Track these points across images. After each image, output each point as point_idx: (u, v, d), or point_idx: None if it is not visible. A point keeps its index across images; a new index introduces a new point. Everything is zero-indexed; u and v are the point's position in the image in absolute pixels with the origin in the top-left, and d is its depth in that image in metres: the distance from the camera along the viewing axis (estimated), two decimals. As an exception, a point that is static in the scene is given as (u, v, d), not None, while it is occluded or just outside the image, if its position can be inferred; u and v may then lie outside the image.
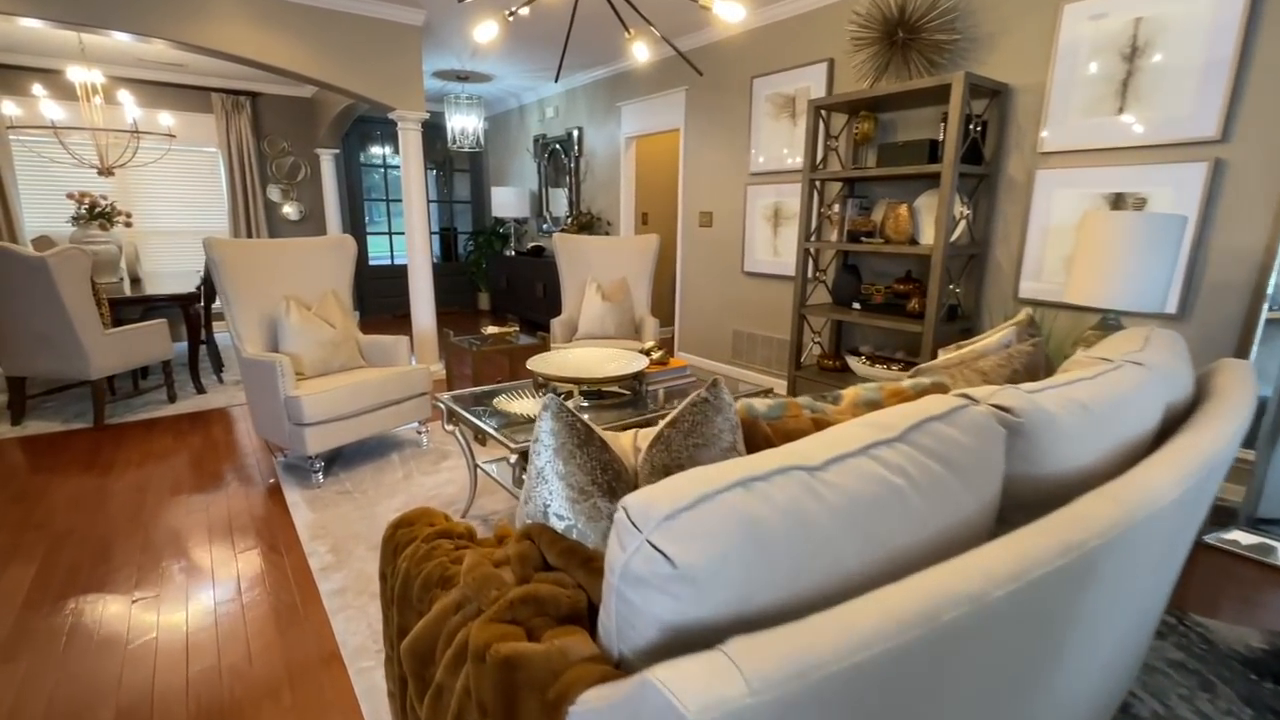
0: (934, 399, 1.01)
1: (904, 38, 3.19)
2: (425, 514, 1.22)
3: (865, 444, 0.84)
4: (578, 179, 6.32)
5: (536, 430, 0.95)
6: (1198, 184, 2.50)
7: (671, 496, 0.67)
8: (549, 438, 0.94)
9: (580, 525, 0.92)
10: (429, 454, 3.23)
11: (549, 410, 0.94)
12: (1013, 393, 1.04)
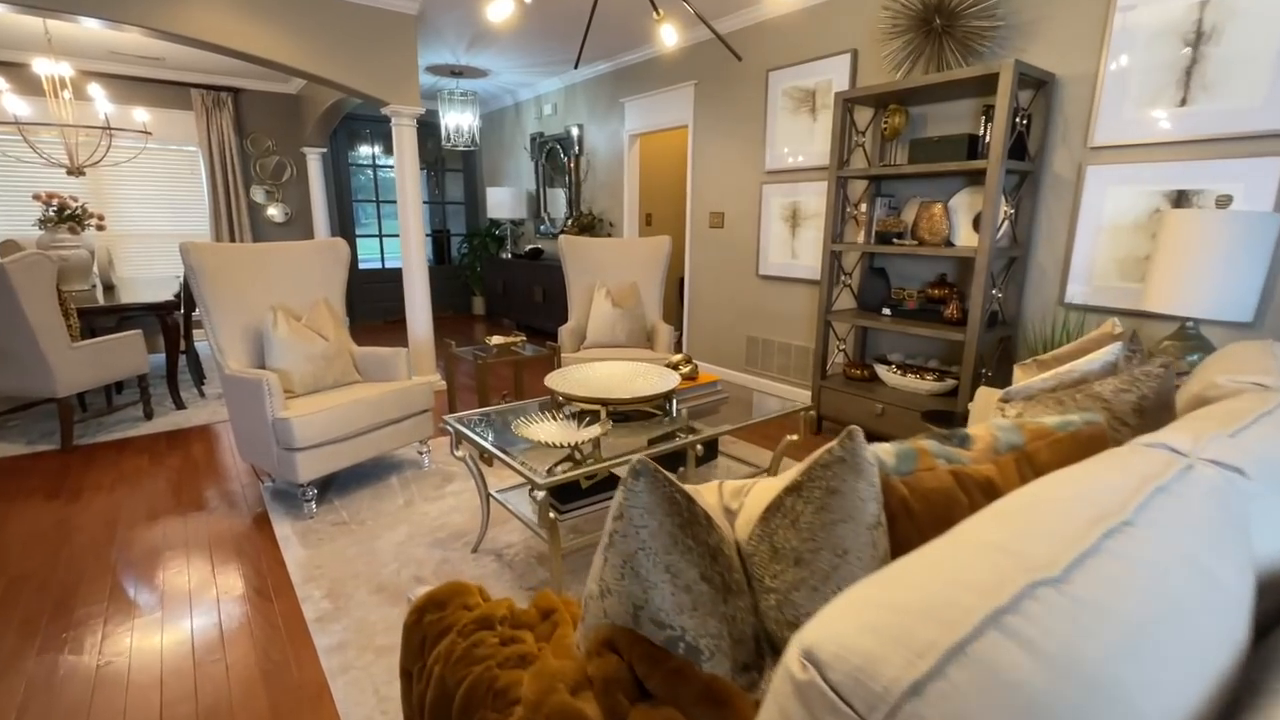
0: (1130, 455, 0.78)
1: (941, 25, 2.98)
2: (457, 592, 0.97)
3: (1095, 533, 0.61)
4: (578, 178, 6.07)
5: (619, 505, 0.71)
6: (1272, 180, 2.31)
7: (898, 650, 0.43)
8: (643, 516, 0.69)
9: (690, 635, 0.68)
10: (431, 476, 2.97)
11: (641, 479, 0.70)
12: (1223, 442, 0.81)
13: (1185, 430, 0.85)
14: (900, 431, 3.18)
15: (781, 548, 0.73)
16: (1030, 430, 0.99)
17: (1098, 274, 2.80)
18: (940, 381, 3.23)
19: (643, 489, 0.70)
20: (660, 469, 0.70)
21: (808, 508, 0.73)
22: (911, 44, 3.13)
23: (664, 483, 0.70)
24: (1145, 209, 2.63)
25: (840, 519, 0.72)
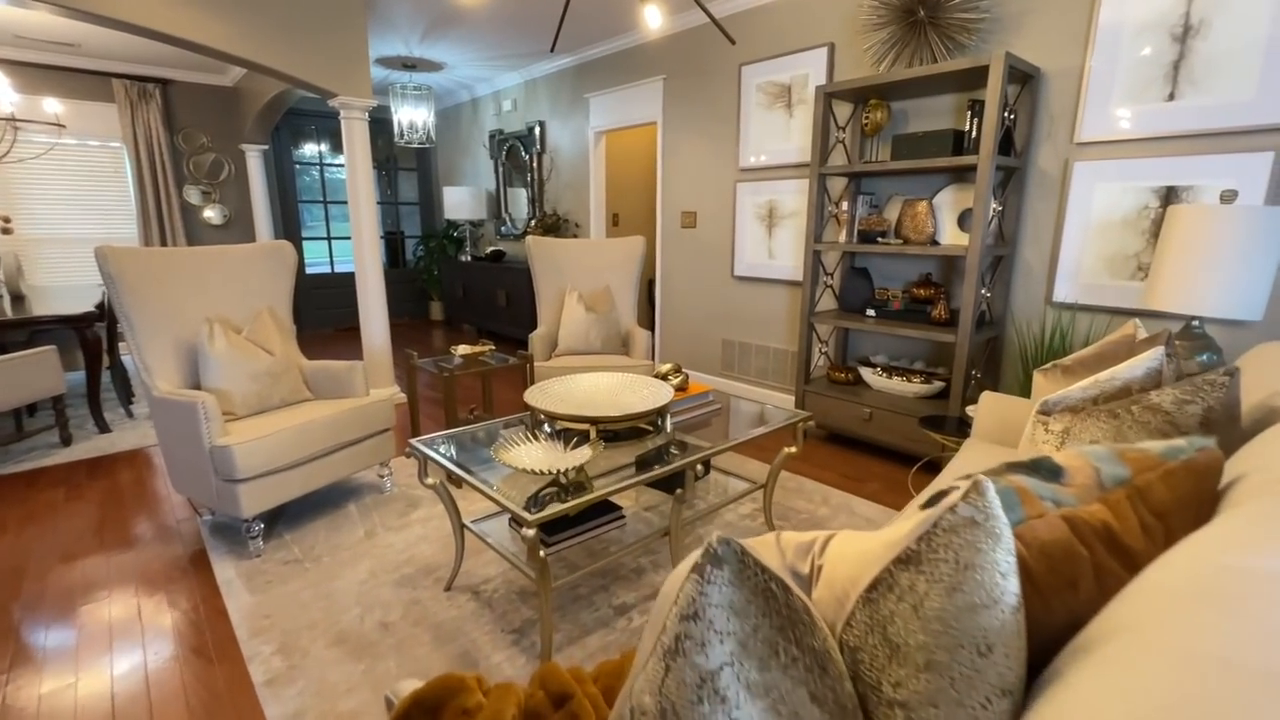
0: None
1: (926, 16, 2.89)
2: (452, 690, 0.76)
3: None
4: (540, 177, 5.83)
5: (691, 601, 0.52)
6: (1263, 175, 2.28)
7: None
8: (729, 619, 0.50)
9: None
10: (394, 501, 2.71)
11: (726, 567, 0.51)
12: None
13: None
14: (891, 437, 3.08)
15: (903, 644, 0.55)
16: (1133, 459, 0.84)
17: (1086, 272, 2.75)
18: (928, 384, 3.14)
19: (727, 580, 0.51)
20: (749, 549, 0.51)
21: (934, 588, 0.56)
22: (895, 36, 3.03)
23: (756, 570, 0.51)
24: (1134, 206, 2.59)
25: (981, 604, 0.55)
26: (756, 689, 0.50)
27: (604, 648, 1.77)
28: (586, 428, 1.87)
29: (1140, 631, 0.50)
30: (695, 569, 0.52)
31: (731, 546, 0.51)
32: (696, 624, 0.51)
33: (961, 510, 0.58)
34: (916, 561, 0.58)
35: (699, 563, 0.52)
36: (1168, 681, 0.43)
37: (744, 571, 0.51)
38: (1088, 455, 0.87)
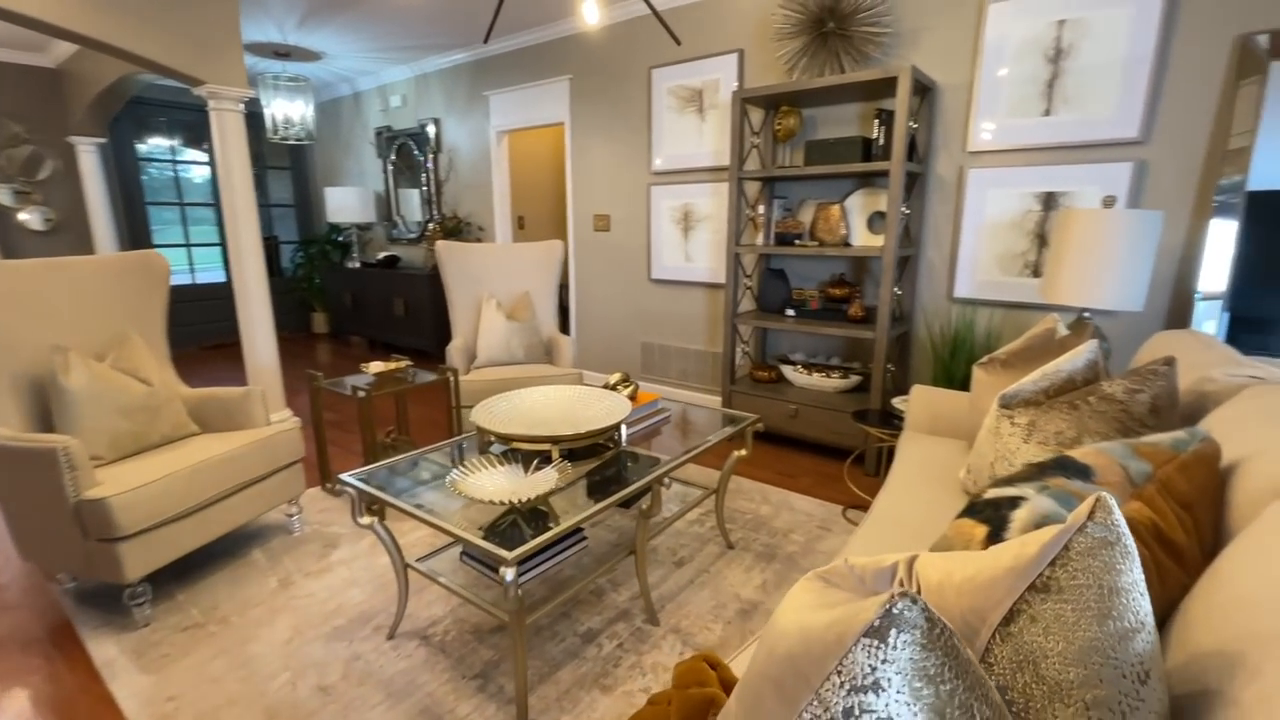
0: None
1: (835, 28, 3.02)
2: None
3: None
4: (437, 178, 5.49)
5: (869, 672, 0.46)
6: (1124, 183, 2.60)
7: None
8: (922, 687, 0.45)
9: None
10: (308, 543, 2.40)
11: (914, 631, 0.45)
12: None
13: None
14: (818, 432, 3.20)
15: (1062, 681, 0.52)
16: (1148, 454, 0.89)
17: (982, 270, 3.01)
18: (846, 379, 3.30)
19: (918, 643, 0.45)
20: (932, 610, 0.46)
21: (1083, 617, 0.53)
22: (806, 46, 3.15)
23: (943, 627, 0.46)
24: (1020, 209, 2.86)
25: (1132, 628, 0.53)
26: (955, 762, 0.44)
27: (579, 681, 1.67)
28: (546, 448, 1.74)
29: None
30: (871, 633, 0.46)
31: (918, 605, 0.45)
32: (879, 696, 0.45)
33: (1093, 530, 0.56)
34: (1056, 589, 0.55)
35: (877, 625, 0.45)
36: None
37: (933, 630, 0.45)
38: (1108, 452, 0.91)
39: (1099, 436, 1.26)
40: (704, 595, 2.06)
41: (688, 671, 0.97)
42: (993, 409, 1.51)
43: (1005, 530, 0.78)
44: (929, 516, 1.57)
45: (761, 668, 0.61)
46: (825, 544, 2.39)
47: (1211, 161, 2.42)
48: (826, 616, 0.54)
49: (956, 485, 1.74)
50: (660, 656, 1.76)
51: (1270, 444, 0.87)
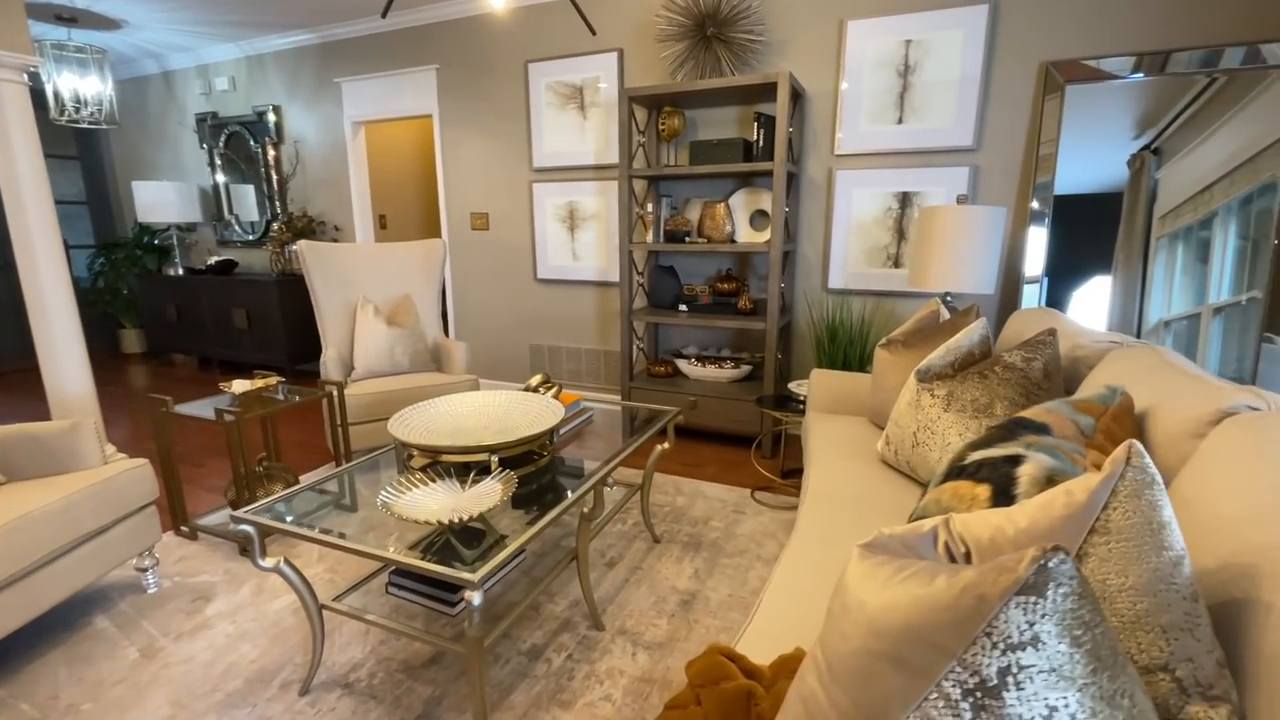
0: (1257, 422, 0.83)
1: (715, 33, 3.14)
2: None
3: None
4: (280, 173, 4.89)
5: (1027, 628, 0.47)
6: (964, 184, 3.00)
7: None
8: (1078, 635, 0.47)
9: None
10: (169, 599, 2.02)
11: (1070, 583, 0.47)
12: (1255, 392, 0.93)
13: (1228, 393, 0.95)
14: (717, 421, 3.32)
15: (1137, 612, 0.58)
16: (1085, 408, 1.03)
17: (851, 262, 3.31)
18: (738, 369, 3.46)
19: (1070, 596, 0.47)
20: (1081, 576, 0.48)
21: (1142, 551, 0.60)
22: (688, 49, 3.24)
23: (1085, 581, 0.49)
24: (881, 208, 3.19)
25: (1179, 555, 0.60)
26: (1106, 705, 0.47)
27: (535, 702, 1.57)
28: (482, 458, 1.62)
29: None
30: (1026, 589, 0.47)
31: (1070, 558, 0.47)
32: (1038, 650, 0.47)
33: (1132, 475, 0.63)
34: (1116, 530, 0.61)
35: (1032, 582, 0.47)
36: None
37: (1082, 581, 0.48)
38: (1056, 410, 1.03)
39: (1007, 401, 1.44)
40: (642, 592, 2.04)
41: (707, 668, 0.95)
42: (910, 384, 1.66)
43: (1014, 486, 0.86)
44: (862, 486, 1.69)
45: (862, 646, 0.61)
46: (743, 527, 2.48)
47: (1028, 166, 2.87)
48: (943, 583, 0.55)
49: (874, 456, 1.90)
50: (614, 661, 1.72)
51: (1164, 394, 1.05)
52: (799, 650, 0.96)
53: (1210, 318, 2.64)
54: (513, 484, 1.50)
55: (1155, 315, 2.72)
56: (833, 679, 0.64)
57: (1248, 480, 0.72)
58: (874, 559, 0.68)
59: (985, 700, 0.49)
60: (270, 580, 2.12)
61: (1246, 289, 2.55)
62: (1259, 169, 2.50)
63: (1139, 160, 2.69)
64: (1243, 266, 2.56)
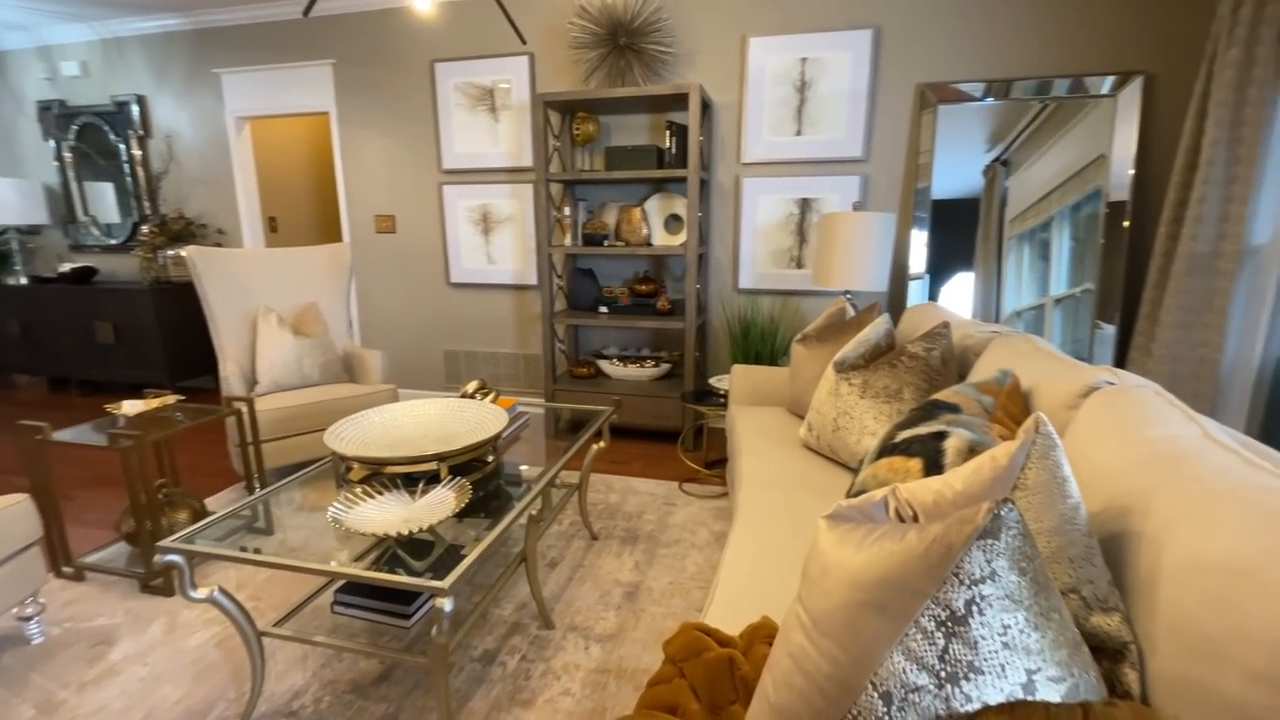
0: (1123, 395, 1.04)
1: (627, 43, 3.24)
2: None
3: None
4: (148, 170, 4.43)
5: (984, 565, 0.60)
6: (856, 192, 3.30)
7: None
8: (1024, 567, 0.60)
9: (1088, 677, 0.62)
10: (61, 648, 1.82)
11: (1017, 526, 0.59)
12: (1109, 371, 1.15)
13: (1091, 372, 1.16)
14: (641, 418, 3.42)
15: (1052, 548, 0.73)
16: (985, 389, 1.22)
17: (759, 264, 3.53)
18: (658, 367, 3.59)
19: (1018, 536, 0.60)
20: (1023, 519, 0.61)
21: (1052, 501, 0.75)
22: (604, 57, 3.31)
23: (1025, 525, 0.62)
24: (784, 212, 3.43)
25: (1077, 501, 0.76)
26: (1044, 621, 0.61)
27: (496, 705, 1.59)
28: (430, 468, 1.60)
29: (1166, 492, 0.78)
30: (985, 534, 0.60)
31: (1015, 506, 0.60)
32: (995, 583, 0.59)
33: (1041, 442, 0.78)
34: (1033, 486, 0.76)
35: (989, 527, 0.59)
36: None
37: (1024, 524, 0.61)
38: (962, 392, 1.21)
39: (913, 386, 1.64)
40: (587, 589, 2.10)
41: (686, 644, 1.03)
42: (829, 375, 1.84)
43: (943, 457, 1.01)
44: (790, 470, 1.84)
45: (844, 596, 0.71)
46: (675, 518, 2.60)
47: (909, 174, 3.21)
48: (913, 542, 0.67)
49: (797, 442, 2.07)
50: (568, 657, 1.77)
51: (1042, 375, 1.26)
52: (766, 619, 1.07)
53: (1052, 307, 3.09)
54: (467, 492, 1.51)
55: (1009, 306, 3.14)
56: (820, 633, 0.75)
57: (1115, 440, 0.91)
58: (842, 527, 0.79)
59: (955, 628, 0.61)
60: (183, 616, 1.96)
61: (1080, 283, 3.01)
62: (1086, 180, 2.96)
63: (992, 170, 3.09)
64: (1076, 263, 3.02)
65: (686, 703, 0.93)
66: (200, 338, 4.49)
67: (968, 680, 0.61)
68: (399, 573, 1.27)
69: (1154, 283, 2.68)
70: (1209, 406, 2.46)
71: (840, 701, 0.69)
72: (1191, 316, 2.50)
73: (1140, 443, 0.86)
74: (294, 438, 2.72)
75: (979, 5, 2.96)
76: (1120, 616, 0.71)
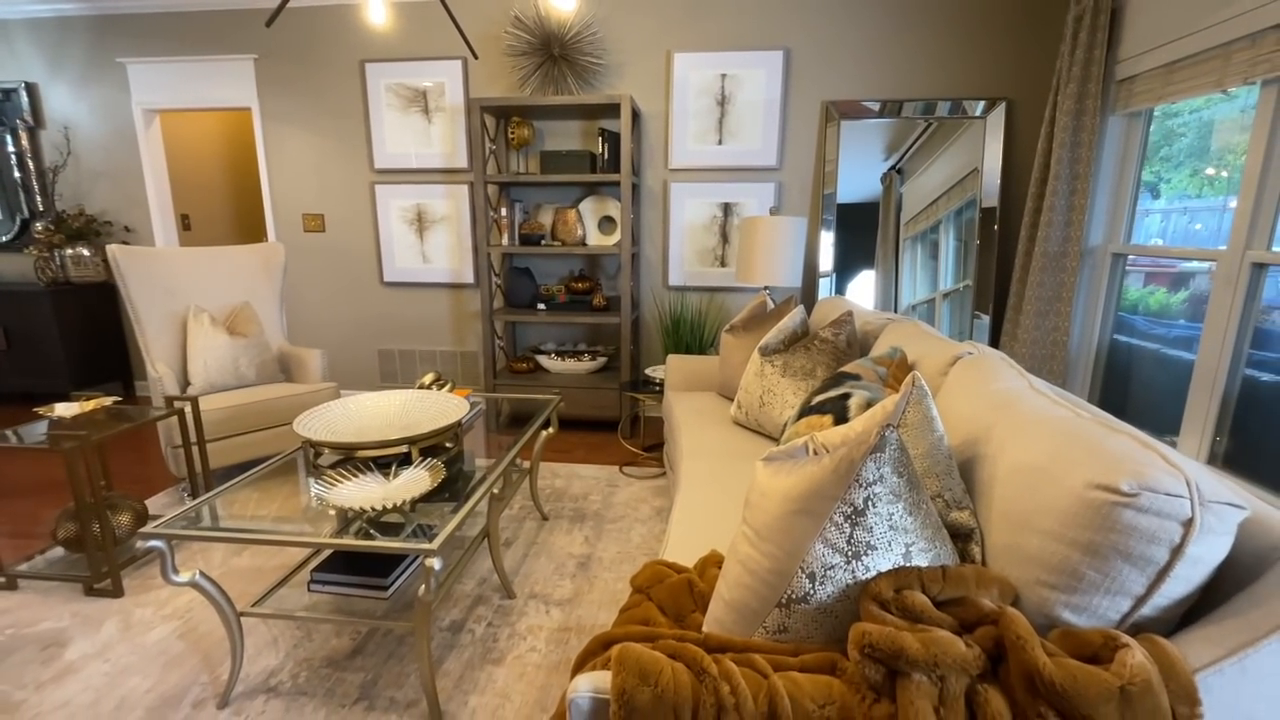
0: (981, 362, 1.35)
1: (560, 53, 3.41)
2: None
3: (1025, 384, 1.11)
4: (39, 163, 4.13)
5: (876, 472, 0.85)
6: (771, 197, 3.64)
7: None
8: (899, 474, 0.85)
9: (939, 548, 0.89)
10: (6, 654, 1.79)
11: (895, 444, 0.85)
12: (968, 343, 1.47)
13: (957, 346, 1.48)
14: (579, 409, 3.60)
15: (923, 468, 1.00)
16: (880, 362, 1.51)
17: (686, 263, 3.80)
18: (595, 360, 3.78)
19: (898, 447, 0.85)
20: (899, 436, 0.87)
21: (922, 433, 1.02)
22: (538, 65, 3.46)
23: (902, 441, 0.87)
24: (709, 215, 3.72)
25: (940, 435, 1.04)
26: (916, 510, 0.87)
27: (468, 665, 1.74)
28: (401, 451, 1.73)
29: (1008, 426, 1.07)
30: (875, 449, 0.85)
31: (896, 431, 0.86)
32: (884, 484, 0.85)
33: (915, 394, 1.06)
34: (910, 423, 1.03)
35: (878, 444, 0.85)
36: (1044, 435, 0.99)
37: (901, 443, 0.86)
38: (862, 364, 1.49)
39: (825, 365, 1.94)
40: (542, 562, 2.27)
41: (651, 575, 1.25)
42: (754, 358, 2.11)
43: (848, 412, 1.28)
44: (724, 443, 2.10)
45: (779, 510, 0.95)
46: (618, 497, 2.81)
47: (817, 180, 3.58)
48: (826, 462, 0.91)
49: (728, 420, 2.33)
50: (531, 620, 1.94)
51: (924, 350, 1.57)
52: (713, 551, 1.30)
53: (941, 301, 3.55)
54: (440, 471, 1.66)
55: (906, 300, 3.58)
56: (761, 539, 0.98)
57: (971, 394, 1.21)
58: (774, 465, 1.03)
59: (856, 519, 0.86)
60: (136, 615, 1.97)
61: (963, 278, 3.48)
62: (965, 189, 3.43)
63: (889, 178, 3.51)
64: (959, 262, 3.49)
65: (655, 617, 1.14)
66: (106, 342, 4.25)
67: (867, 555, 0.86)
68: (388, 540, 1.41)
69: (1018, 278, 3.16)
70: (1061, 381, 2.95)
71: (778, 587, 0.93)
72: (1046, 306, 2.99)
73: (986, 395, 1.16)
74: (235, 437, 2.71)
75: (876, 34, 3.36)
76: (969, 512, 0.99)
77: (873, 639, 0.78)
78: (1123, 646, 0.72)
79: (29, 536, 2.44)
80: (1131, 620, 0.80)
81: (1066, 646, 0.77)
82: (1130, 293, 2.88)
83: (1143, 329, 2.80)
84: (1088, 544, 0.80)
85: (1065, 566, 0.82)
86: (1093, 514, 0.79)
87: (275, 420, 2.82)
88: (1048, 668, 0.70)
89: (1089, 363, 3.04)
